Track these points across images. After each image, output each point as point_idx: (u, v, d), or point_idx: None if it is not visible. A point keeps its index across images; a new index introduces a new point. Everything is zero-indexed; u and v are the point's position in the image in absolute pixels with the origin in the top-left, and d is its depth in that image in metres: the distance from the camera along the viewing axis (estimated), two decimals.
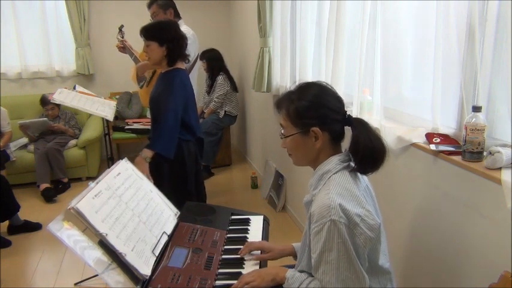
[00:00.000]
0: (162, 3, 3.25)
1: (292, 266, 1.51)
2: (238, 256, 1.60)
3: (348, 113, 1.37)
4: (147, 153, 2.45)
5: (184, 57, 2.60)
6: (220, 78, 4.64)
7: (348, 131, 1.37)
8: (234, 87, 4.75)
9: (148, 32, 2.49)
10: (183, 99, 2.51)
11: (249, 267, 1.55)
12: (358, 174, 1.36)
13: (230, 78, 4.73)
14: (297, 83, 1.41)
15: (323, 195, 1.27)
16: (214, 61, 4.66)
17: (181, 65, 2.59)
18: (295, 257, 1.61)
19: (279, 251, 1.61)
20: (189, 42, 3.16)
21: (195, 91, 3.49)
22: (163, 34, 2.48)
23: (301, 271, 1.39)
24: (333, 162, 1.34)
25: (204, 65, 4.65)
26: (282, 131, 1.41)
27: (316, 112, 1.32)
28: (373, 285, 1.33)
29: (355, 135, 1.31)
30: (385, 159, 1.31)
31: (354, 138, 1.31)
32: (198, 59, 3.68)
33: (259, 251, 1.62)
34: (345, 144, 1.39)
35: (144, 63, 3.04)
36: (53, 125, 4.47)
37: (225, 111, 4.68)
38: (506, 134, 1.43)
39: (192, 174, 2.67)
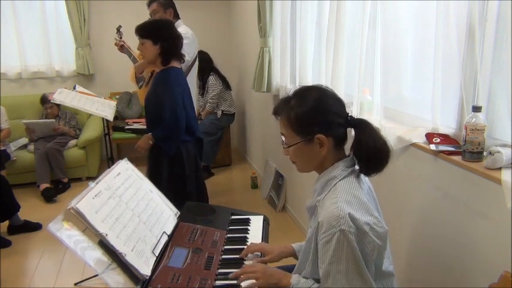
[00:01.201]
0: (163, 1, 3.25)
1: (292, 267, 1.51)
2: (238, 256, 1.59)
3: (349, 114, 1.34)
4: (151, 137, 2.59)
5: (179, 56, 2.59)
6: (212, 79, 4.64)
7: (350, 132, 1.35)
8: (226, 85, 4.74)
9: (143, 30, 2.50)
10: (179, 98, 2.51)
11: None
12: (361, 176, 1.34)
13: (222, 77, 4.72)
14: (295, 88, 1.37)
15: (331, 204, 1.24)
16: (202, 62, 4.63)
17: (177, 64, 2.58)
18: (295, 257, 1.61)
19: (279, 252, 1.59)
20: (187, 42, 3.17)
21: (194, 91, 3.50)
22: (158, 32, 2.48)
23: (305, 277, 1.37)
24: (339, 168, 1.31)
25: None
26: (283, 139, 1.36)
27: (318, 118, 1.28)
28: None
29: (358, 136, 1.29)
30: (389, 159, 1.28)
31: (357, 139, 1.28)
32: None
33: (259, 253, 1.60)
34: (347, 145, 1.39)
35: (142, 62, 3.04)
36: (57, 127, 4.47)
37: (222, 111, 4.68)
38: (506, 134, 1.43)
39: (191, 175, 2.66)
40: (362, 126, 1.30)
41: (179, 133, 2.50)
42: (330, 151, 1.31)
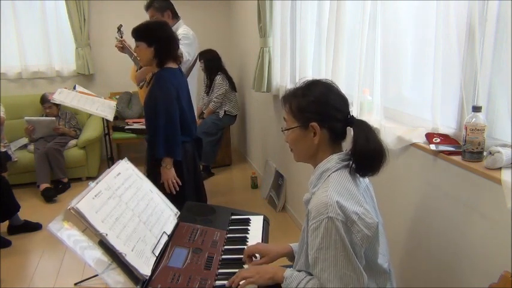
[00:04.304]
0: (158, 6, 3.25)
1: (290, 266, 1.51)
2: (239, 256, 1.59)
3: (351, 113, 1.37)
4: (165, 162, 2.49)
5: (175, 57, 2.59)
6: (219, 78, 4.64)
7: (350, 133, 1.37)
8: (232, 86, 4.75)
9: (137, 33, 2.51)
10: (173, 97, 2.48)
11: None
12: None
13: (228, 78, 4.73)
14: (305, 79, 1.42)
15: (321, 193, 1.28)
16: (212, 61, 4.67)
17: (173, 65, 2.58)
18: (291, 258, 1.60)
19: (275, 253, 1.58)
20: (188, 42, 3.17)
21: (195, 91, 3.49)
22: (151, 34, 2.49)
23: (299, 270, 1.38)
24: (333, 160, 1.34)
25: (202, 65, 4.66)
26: (285, 125, 1.43)
27: (318, 108, 1.33)
28: (370, 285, 1.33)
29: (355, 136, 1.32)
30: (384, 162, 1.30)
31: (354, 139, 1.31)
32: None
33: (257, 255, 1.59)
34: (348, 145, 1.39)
35: (142, 70, 3.05)
36: (58, 127, 4.48)
37: (225, 111, 4.68)
38: (506, 134, 1.43)
39: (189, 176, 2.65)
40: (360, 126, 1.33)
41: (174, 131, 2.48)
42: (325, 143, 1.36)
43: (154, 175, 2.51)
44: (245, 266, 1.55)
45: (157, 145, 2.46)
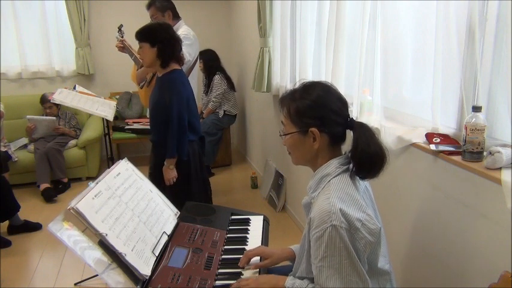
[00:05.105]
0: (159, 5, 3.26)
1: (291, 268, 1.51)
2: (239, 256, 1.59)
3: (351, 116, 1.35)
4: (169, 163, 2.53)
5: (178, 58, 2.61)
6: (217, 78, 4.65)
7: (349, 134, 1.35)
8: (231, 86, 4.76)
9: (141, 34, 2.54)
10: (184, 99, 2.53)
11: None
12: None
13: (227, 78, 4.74)
14: (303, 81, 1.39)
15: (323, 200, 1.25)
16: (210, 61, 4.68)
17: (177, 66, 2.60)
18: (293, 261, 1.60)
19: (278, 256, 1.58)
20: (189, 43, 3.17)
21: (195, 91, 3.50)
22: (154, 35, 2.52)
23: (301, 277, 1.37)
24: (333, 165, 1.32)
25: (201, 65, 4.66)
26: (282, 128, 1.40)
27: (316, 112, 1.30)
28: (373, 285, 1.33)
29: (355, 139, 1.29)
30: (384, 166, 1.28)
31: (354, 142, 1.29)
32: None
33: (258, 257, 1.58)
34: (348, 147, 1.39)
35: (142, 70, 3.06)
36: (58, 127, 4.48)
37: (224, 111, 4.68)
38: (506, 134, 1.43)
39: (196, 174, 2.68)
40: (360, 129, 1.30)
41: (184, 134, 2.53)
42: (325, 147, 1.33)
43: (158, 175, 2.53)
44: (244, 274, 1.53)
45: (170, 147, 2.52)
